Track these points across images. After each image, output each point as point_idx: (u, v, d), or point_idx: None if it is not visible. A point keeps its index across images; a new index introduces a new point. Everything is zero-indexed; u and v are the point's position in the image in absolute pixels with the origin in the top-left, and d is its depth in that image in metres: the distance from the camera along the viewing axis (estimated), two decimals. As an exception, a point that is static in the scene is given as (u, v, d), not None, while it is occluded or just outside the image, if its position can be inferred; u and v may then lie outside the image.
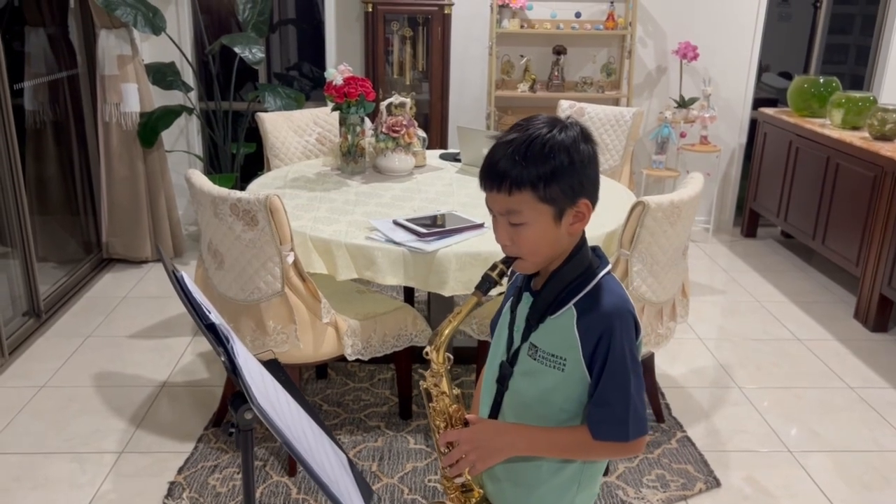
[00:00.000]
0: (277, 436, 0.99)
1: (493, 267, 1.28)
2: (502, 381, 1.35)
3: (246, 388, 0.97)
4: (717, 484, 2.56)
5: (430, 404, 1.37)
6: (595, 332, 1.22)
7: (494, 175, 1.22)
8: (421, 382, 1.38)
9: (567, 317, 1.25)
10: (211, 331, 1.06)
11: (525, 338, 1.31)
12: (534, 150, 1.19)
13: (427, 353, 1.34)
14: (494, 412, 1.38)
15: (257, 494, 2.44)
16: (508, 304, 1.39)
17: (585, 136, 1.23)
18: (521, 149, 1.19)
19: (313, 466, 1.01)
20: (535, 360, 1.29)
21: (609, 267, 1.30)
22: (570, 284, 1.27)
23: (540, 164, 1.18)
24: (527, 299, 1.33)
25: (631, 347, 1.23)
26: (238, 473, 2.53)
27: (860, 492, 2.55)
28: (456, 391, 1.37)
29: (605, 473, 2.57)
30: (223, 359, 1.03)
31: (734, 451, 2.76)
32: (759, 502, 2.49)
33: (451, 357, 1.36)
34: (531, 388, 1.31)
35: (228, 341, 1.04)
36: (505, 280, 1.31)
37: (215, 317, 1.08)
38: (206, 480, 2.50)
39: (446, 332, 1.32)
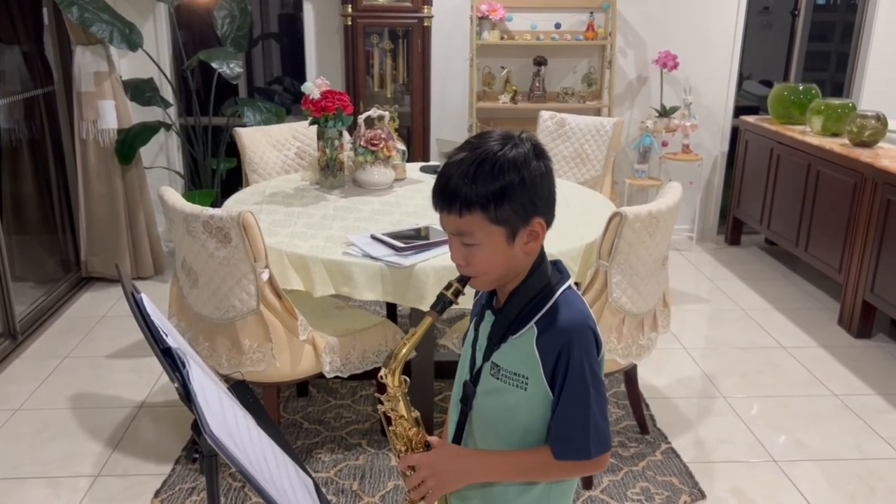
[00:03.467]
0: (233, 464, 0.96)
1: (449, 286, 1.26)
2: (466, 401, 1.33)
3: (200, 417, 0.94)
4: (703, 496, 2.53)
5: (390, 428, 1.35)
6: (554, 348, 1.20)
7: (444, 196, 1.19)
8: (378, 406, 1.34)
9: (528, 335, 1.24)
10: (167, 355, 1.03)
11: (487, 357, 1.29)
12: (483, 170, 1.16)
13: (382, 377, 1.30)
14: (459, 432, 1.36)
15: (235, 516, 2.40)
16: (473, 322, 1.37)
17: (538, 151, 1.21)
18: (470, 169, 1.16)
19: (272, 495, 0.98)
20: (497, 379, 1.27)
21: (569, 282, 1.28)
22: (531, 303, 1.24)
23: (489, 184, 1.15)
24: (489, 318, 1.31)
25: (591, 362, 1.21)
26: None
27: (846, 501, 2.53)
28: (415, 414, 1.34)
29: (589, 487, 2.54)
30: (177, 385, 1.00)
31: (719, 461, 2.73)
32: (745, 514, 2.47)
33: (408, 380, 1.33)
34: (495, 407, 1.28)
35: (184, 366, 1.01)
36: (461, 298, 1.29)
37: (172, 340, 1.05)
38: (184, 503, 2.45)
39: (401, 354, 1.28)
